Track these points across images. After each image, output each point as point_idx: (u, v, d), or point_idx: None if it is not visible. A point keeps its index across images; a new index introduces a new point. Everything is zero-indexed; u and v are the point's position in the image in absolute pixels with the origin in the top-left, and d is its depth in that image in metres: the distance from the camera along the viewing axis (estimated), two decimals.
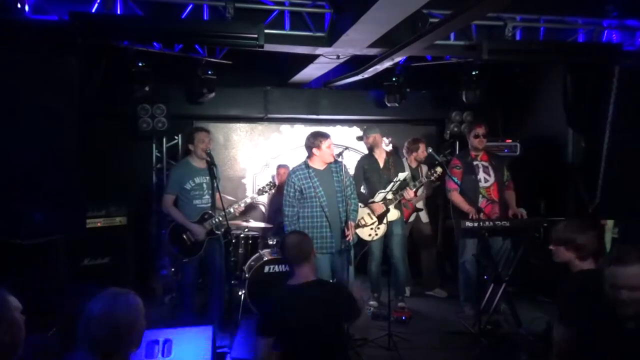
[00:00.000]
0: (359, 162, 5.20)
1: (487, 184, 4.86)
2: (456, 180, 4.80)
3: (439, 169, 4.78)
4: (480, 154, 4.94)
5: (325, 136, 4.23)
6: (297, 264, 2.79)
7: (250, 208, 5.92)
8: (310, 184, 4.21)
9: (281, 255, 2.93)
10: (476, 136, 4.88)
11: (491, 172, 4.89)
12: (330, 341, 2.67)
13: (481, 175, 4.88)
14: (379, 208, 4.83)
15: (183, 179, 4.42)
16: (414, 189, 4.94)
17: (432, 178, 4.91)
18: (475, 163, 4.91)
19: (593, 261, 2.64)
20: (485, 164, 4.92)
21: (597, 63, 5.07)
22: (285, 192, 4.25)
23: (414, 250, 5.85)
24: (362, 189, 5.04)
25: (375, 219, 4.89)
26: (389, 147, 5.49)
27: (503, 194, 4.89)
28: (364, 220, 4.89)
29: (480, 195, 4.83)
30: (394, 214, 4.92)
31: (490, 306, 4.57)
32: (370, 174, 5.03)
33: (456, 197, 4.83)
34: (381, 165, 5.06)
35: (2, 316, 1.62)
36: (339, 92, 6.59)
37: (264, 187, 4.72)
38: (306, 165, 4.29)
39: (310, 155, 4.27)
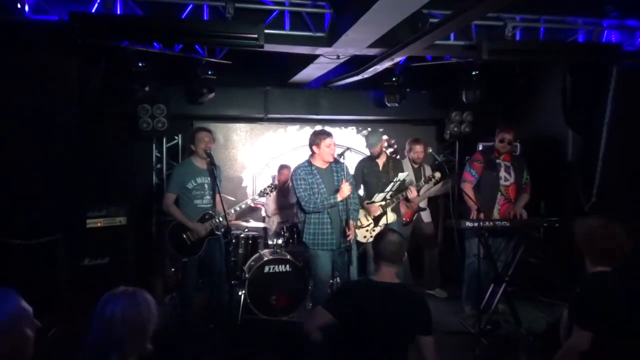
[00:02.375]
0: (359, 164, 5.20)
1: (507, 183, 4.89)
2: (474, 173, 4.83)
3: (437, 174, 4.78)
4: (503, 154, 4.96)
5: (326, 135, 4.24)
6: (389, 262, 2.69)
7: (250, 208, 5.92)
8: (313, 180, 4.22)
9: (373, 247, 2.80)
10: (502, 140, 4.88)
11: (512, 172, 4.92)
12: (390, 348, 2.60)
13: (502, 173, 4.91)
14: (375, 209, 4.83)
15: (185, 178, 4.42)
16: (418, 189, 4.94)
17: (431, 182, 4.90)
18: (497, 161, 4.93)
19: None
20: (508, 163, 4.95)
21: (597, 63, 5.07)
22: (296, 185, 4.24)
23: (415, 250, 5.85)
24: (361, 192, 5.04)
25: (371, 220, 4.89)
26: (390, 150, 5.49)
27: (519, 194, 4.92)
28: (360, 222, 4.89)
29: (499, 193, 4.86)
30: (390, 217, 4.92)
31: (491, 306, 4.57)
32: (369, 177, 5.04)
33: (467, 189, 4.83)
34: (380, 168, 5.06)
35: (5, 328, 1.58)
36: (339, 92, 6.59)
37: (265, 189, 4.72)
38: (309, 162, 4.31)
39: (312, 153, 4.29)
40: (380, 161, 5.09)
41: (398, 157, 5.48)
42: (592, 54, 4.96)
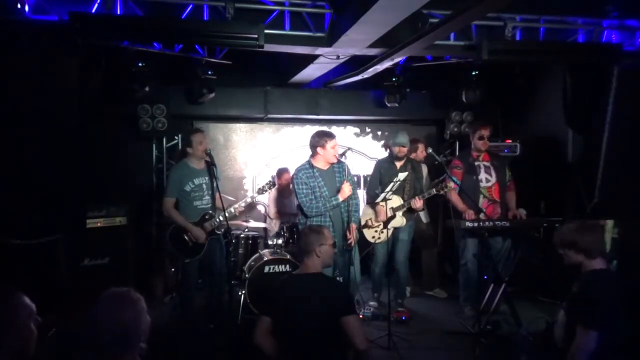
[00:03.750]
0: (378, 163, 5.19)
1: (489, 184, 4.86)
2: (455, 180, 4.80)
3: (451, 184, 4.69)
4: (482, 155, 4.94)
5: (330, 136, 4.22)
6: (301, 255, 2.93)
7: (251, 208, 5.92)
8: (315, 183, 4.21)
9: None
10: (480, 138, 4.86)
11: (492, 173, 4.89)
12: (318, 333, 2.70)
13: (482, 175, 4.88)
14: (384, 214, 4.77)
15: (182, 180, 4.42)
16: (422, 199, 4.87)
17: (442, 192, 4.79)
18: (476, 163, 4.91)
19: (604, 260, 2.63)
20: (487, 164, 4.92)
21: (597, 63, 5.07)
22: (297, 189, 4.22)
23: (414, 250, 5.84)
24: (377, 191, 5.00)
25: (380, 222, 4.87)
26: (423, 153, 5.50)
27: (505, 194, 4.89)
28: (371, 222, 4.88)
29: (482, 196, 4.83)
30: (399, 221, 4.88)
31: (490, 306, 4.57)
32: (386, 178, 4.98)
33: (453, 196, 4.83)
34: (398, 170, 4.99)
35: (12, 322, 1.62)
36: (339, 92, 6.59)
37: (263, 187, 4.72)
38: (310, 164, 4.29)
39: (314, 154, 4.27)
40: (399, 163, 5.04)
41: (419, 159, 5.44)
42: (592, 54, 4.96)
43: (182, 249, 4.40)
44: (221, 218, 4.37)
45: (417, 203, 4.82)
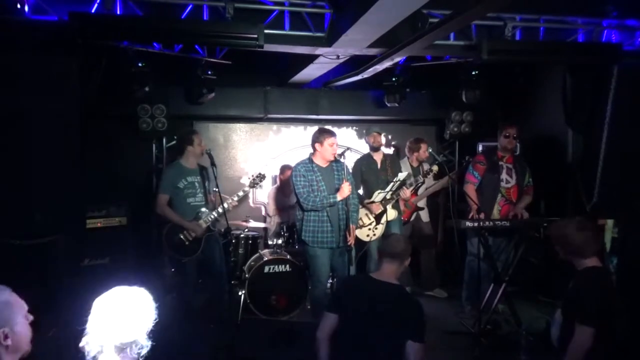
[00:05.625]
0: (357, 163, 5.22)
1: (508, 185, 4.89)
2: (476, 175, 4.86)
3: (434, 167, 4.84)
4: (506, 156, 4.95)
5: (330, 134, 4.25)
6: (388, 257, 2.79)
7: (251, 208, 5.91)
8: (313, 178, 4.22)
9: (378, 247, 2.99)
10: (506, 136, 4.86)
11: (513, 175, 4.91)
12: (381, 346, 2.60)
13: (504, 175, 4.90)
14: (376, 208, 4.86)
15: (175, 178, 4.47)
16: (411, 188, 4.97)
17: (429, 176, 4.94)
18: (500, 163, 4.93)
19: (598, 258, 2.64)
20: (510, 166, 4.94)
21: (596, 63, 5.08)
22: (295, 181, 4.22)
23: (414, 250, 5.84)
24: (360, 190, 5.04)
25: (372, 219, 4.89)
26: (389, 150, 5.54)
27: (521, 196, 4.92)
28: (362, 221, 4.89)
29: (500, 195, 4.86)
30: (391, 214, 4.94)
31: (490, 306, 4.57)
32: (367, 175, 5.05)
33: (470, 190, 4.84)
34: (379, 166, 5.07)
35: (5, 318, 1.62)
36: (338, 92, 6.59)
37: (254, 179, 4.74)
38: (310, 160, 4.32)
39: (314, 151, 4.31)
40: (378, 159, 5.12)
41: (395, 153, 5.51)
42: (592, 54, 4.96)
43: (178, 250, 4.41)
44: (215, 214, 4.40)
45: (406, 192, 4.94)
